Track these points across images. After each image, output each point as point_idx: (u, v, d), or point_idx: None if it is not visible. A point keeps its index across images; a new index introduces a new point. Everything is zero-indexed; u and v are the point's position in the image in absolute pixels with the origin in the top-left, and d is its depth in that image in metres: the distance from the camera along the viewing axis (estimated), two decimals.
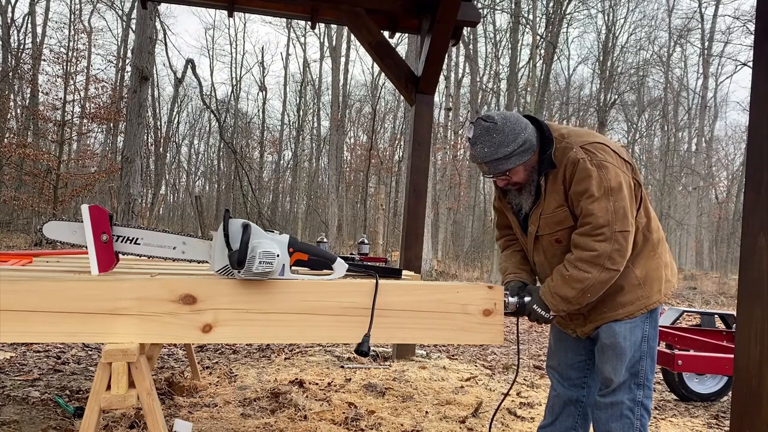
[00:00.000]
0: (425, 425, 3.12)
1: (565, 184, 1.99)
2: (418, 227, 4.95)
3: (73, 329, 1.63)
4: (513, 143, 1.95)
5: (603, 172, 1.92)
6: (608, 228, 1.90)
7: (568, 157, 1.96)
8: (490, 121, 1.97)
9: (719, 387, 4.30)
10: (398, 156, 25.10)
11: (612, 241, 1.90)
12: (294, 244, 1.83)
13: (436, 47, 4.61)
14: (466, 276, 17.15)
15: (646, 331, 2.06)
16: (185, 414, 3.10)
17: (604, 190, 1.91)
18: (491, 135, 1.95)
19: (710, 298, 14.55)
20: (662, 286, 2.08)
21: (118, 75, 23.98)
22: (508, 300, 2.05)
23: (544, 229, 2.07)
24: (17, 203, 16.78)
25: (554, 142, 2.01)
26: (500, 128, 1.95)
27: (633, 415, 2.03)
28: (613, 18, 24.47)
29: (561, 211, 2.01)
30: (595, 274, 1.92)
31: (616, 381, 2.05)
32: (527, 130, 1.99)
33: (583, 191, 1.93)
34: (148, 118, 20.08)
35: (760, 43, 1.82)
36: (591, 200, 1.91)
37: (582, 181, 1.93)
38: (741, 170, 27.34)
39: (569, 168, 1.96)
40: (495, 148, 1.95)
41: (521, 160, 1.99)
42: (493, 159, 1.97)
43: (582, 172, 1.93)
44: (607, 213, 1.90)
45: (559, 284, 1.98)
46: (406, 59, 14.03)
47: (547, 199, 2.03)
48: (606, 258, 1.90)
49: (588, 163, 1.93)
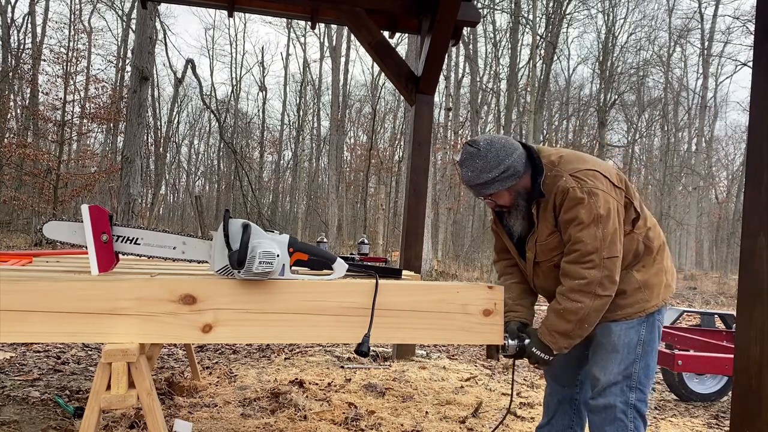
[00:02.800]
0: (425, 425, 3.13)
1: (555, 212, 2.00)
2: (418, 227, 4.95)
3: (73, 329, 1.63)
4: (495, 170, 1.97)
5: (593, 199, 1.92)
6: (597, 255, 1.90)
7: (558, 185, 1.97)
8: (475, 146, 2.01)
9: (719, 387, 4.30)
10: (398, 156, 25.10)
11: (601, 267, 1.91)
12: (294, 244, 1.83)
13: (436, 47, 4.61)
14: (466, 276, 17.15)
15: (643, 335, 2.05)
16: (185, 414, 3.10)
17: (594, 217, 1.91)
18: (474, 160, 2.00)
19: (710, 298, 14.55)
20: (662, 291, 2.08)
21: (118, 75, 24.00)
22: (508, 343, 2.05)
23: (541, 256, 2.09)
24: (17, 203, 16.78)
25: (544, 170, 2.02)
26: (483, 154, 1.98)
27: (626, 417, 2.02)
28: (613, 18, 24.49)
29: (553, 238, 2.03)
30: (588, 303, 1.92)
31: (602, 380, 2.05)
32: (513, 156, 2.00)
33: (572, 219, 1.94)
34: (148, 118, 20.09)
35: (760, 43, 1.82)
36: (580, 228, 1.92)
37: (571, 209, 1.94)
38: (741, 170, 27.35)
39: (559, 196, 1.97)
40: (477, 173, 1.99)
41: (503, 186, 2.01)
42: (475, 183, 2.02)
43: (571, 201, 1.94)
44: (595, 240, 1.91)
45: (554, 320, 1.99)
46: (406, 59, 14.03)
47: (539, 227, 2.05)
48: (597, 285, 1.91)
49: (578, 191, 1.93)
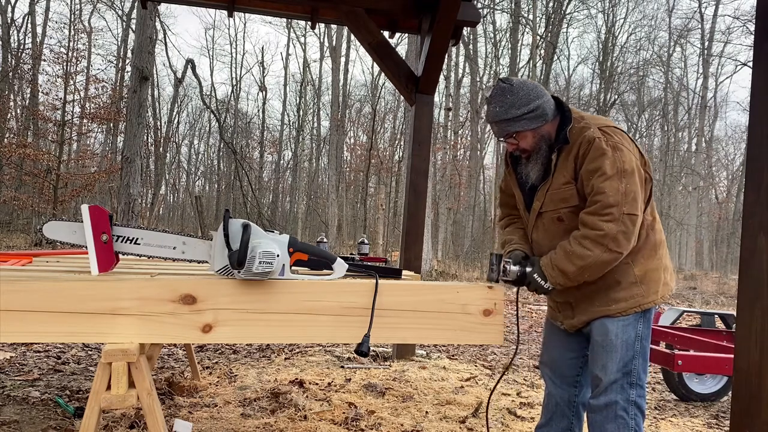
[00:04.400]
0: (425, 425, 3.13)
1: (576, 162, 1.99)
2: (418, 227, 4.95)
3: (73, 329, 1.63)
4: (524, 107, 2.00)
5: (618, 153, 1.92)
6: (617, 208, 1.89)
7: (584, 135, 1.98)
8: (507, 83, 2.04)
9: (719, 387, 4.30)
10: (398, 156, 25.09)
11: (619, 222, 1.89)
12: (294, 244, 1.83)
13: (436, 47, 4.61)
14: (466, 276, 17.14)
15: (640, 331, 2.05)
16: (185, 414, 3.10)
17: (617, 170, 1.91)
18: (505, 96, 2.02)
19: (710, 298, 14.55)
20: (660, 288, 2.07)
21: (118, 75, 24.00)
22: (510, 268, 2.05)
23: (548, 206, 2.08)
24: (17, 203, 16.79)
25: (572, 122, 2.03)
26: (515, 91, 2.01)
27: (627, 415, 2.02)
28: (613, 18, 24.50)
29: (568, 188, 2.02)
30: (597, 254, 1.91)
31: (604, 380, 2.04)
32: (543, 98, 2.03)
33: (595, 169, 1.93)
34: (148, 118, 20.11)
35: (760, 43, 1.82)
36: (603, 179, 1.91)
37: (596, 159, 1.93)
38: (741, 170, 27.35)
39: (584, 146, 1.97)
40: (506, 109, 2.01)
41: (530, 126, 2.02)
42: (502, 119, 2.03)
43: (596, 150, 1.93)
44: (617, 193, 1.89)
45: (560, 258, 1.99)
46: (406, 59, 14.03)
47: (555, 175, 2.04)
48: (611, 239, 1.90)
49: (603, 143, 1.94)
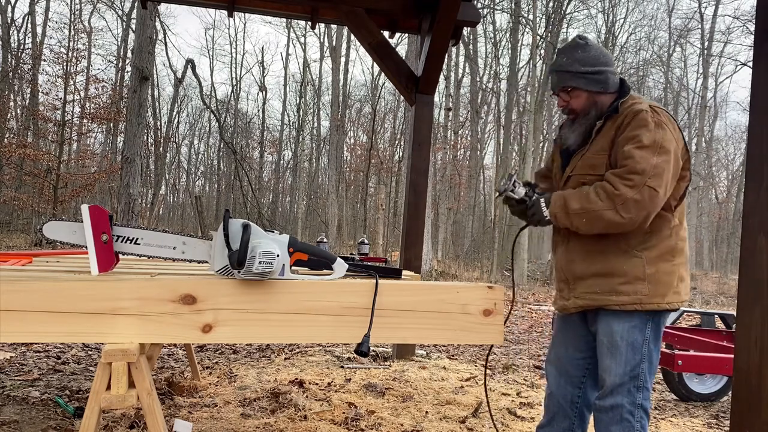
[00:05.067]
0: (425, 425, 3.12)
1: (617, 131, 1.99)
2: (418, 227, 4.95)
3: (73, 329, 1.63)
4: (590, 66, 2.03)
5: (660, 130, 1.92)
6: (641, 177, 1.88)
7: (633, 107, 1.99)
8: (584, 40, 2.08)
9: (719, 387, 4.30)
10: (398, 156, 25.09)
11: (637, 190, 1.87)
12: (294, 244, 1.82)
13: (436, 47, 4.61)
14: (466, 276, 17.15)
15: (648, 335, 2.01)
16: (185, 414, 3.10)
17: (654, 143, 1.90)
18: (576, 50, 2.05)
19: (710, 298, 14.56)
20: (668, 293, 2.00)
21: (118, 75, 24.00)
22: (519, 188, 2.06)
23: (578, 170, 2.08)
24: (17, 203, 16.80)
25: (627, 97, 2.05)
26: (587, 49, 2.05)
27: (633, 418, 2.00)
28: (613, 18, 24.50)
29: (601, 156, 2.02)
30: (603, 208, 1.91)
31: (609, 382, 2.02)
32: (610, 68, 2.06)
33: (633, 137, 1.93)
34: (148, 118, 20.11)
35: (760, 43, 1.82)
36: (637, 146, 1.91)
37: (636, 128, 1.93)
38: (741, 170, 27.34)
39: (629, 116, 1.97)
40: (572, 62, 2.04)
41: (587, 86, 2.04)
42: (565, 70, 2.05)
43: (640, 121, 1.94)
44: (647, 163, 1.88)
45: (572, 193, 2.00)
46: (406, 59, 14.03)
47: (595, 140, 2.05)
48: (622, 201, 1.88)
49: (649, 116, 1.94)
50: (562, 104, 2.12)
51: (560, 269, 2.17)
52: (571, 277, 2.11)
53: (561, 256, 2.18)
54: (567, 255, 2.14)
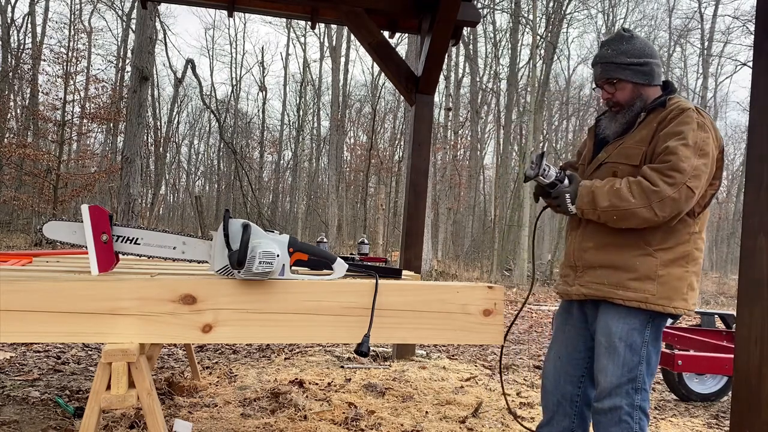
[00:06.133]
0: (425, 425, 3.12)
1: (660, 124, 1.98)
2: (418, 227, 4.95)
3: (73, 329, 1.63)
4: (636, 58, 2.02)
5: (702, 133, 1.92)
6: (682, 176, 1.86)
7: (680, 104, 1.98)
8: (628, 32, 2.07)
9: (719, 387, 4.30)
10: (398, 156, 25.09)
11: (677, 188, 1.85)
12: (294, 244, 1.83)
13: (436, 47, 4.61)
14: (466, 276, 17.16)
15: (647, 337, 2.00)
16: (185, 414, 3.10)
17: (696, 144, 1.90)
18: (621, 42, 2.04)
19: (710, 298, 14.56)
20: (676, 298, 1.98)
21: (118, 75, 24.00)
22: (550, 170, 2.02)
23: (614, 157, 2.05)
24: (17, 203, 16.81)
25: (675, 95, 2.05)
26: (633, 41, 2.04)
27: (632, 419, 2.00)
28: (613, 18, 24.50)
29: (638, 147, 2.00)
30: (637, 205, 1.88)
31: (606, 383, 2.01)
32: (655, 61, 2.05)
33: (677, 132, 1.91)
34: (148, 118, 20.11)
35: (760, 43, 1.82)
36: (682, 143, 1.88)
37: (682, 124, 1.92)
38: (741, 170, 27.34)
39: (674, 111, 1.96)
40: (618, 53, 2.03)
41: (633, 78, 2.03)
42: (610, 62, 2.04)
43: (686, 117, 1.93)
44: (689, 162, 1.87)
45: (602, 187, 1.96)
46: (406, 59, 14.04)
47: (635, 132, 2.03)
48: (659, 199, 1.86)
49: (695, 116, 1.93)
50: (607, 96, 2.09)
51: (571, 254, 2.15)
52: (581, 264, 2.10)
53: (575, 242, 2.15)
54: (582, 242, 2.11)
